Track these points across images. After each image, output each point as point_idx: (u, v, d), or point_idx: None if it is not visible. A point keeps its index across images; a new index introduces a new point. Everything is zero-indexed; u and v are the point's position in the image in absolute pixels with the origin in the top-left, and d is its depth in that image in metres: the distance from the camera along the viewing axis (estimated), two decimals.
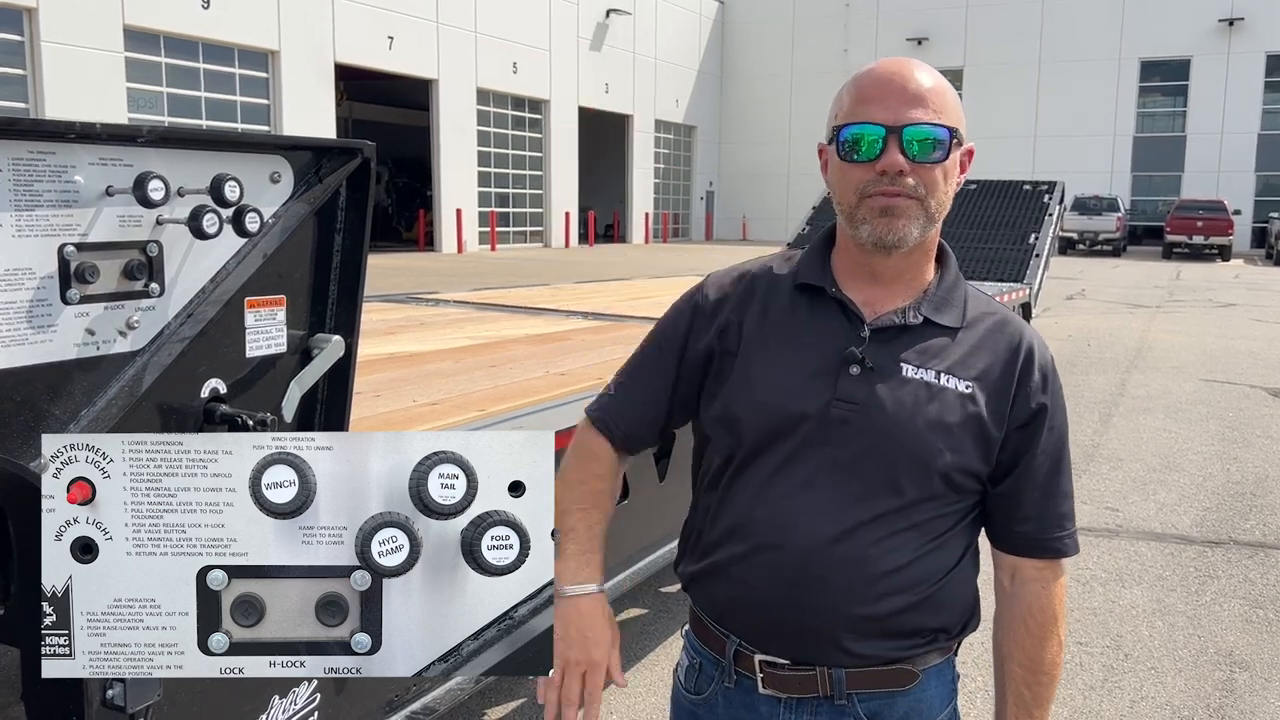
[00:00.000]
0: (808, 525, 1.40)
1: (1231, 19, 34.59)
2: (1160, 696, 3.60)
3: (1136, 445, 7.30)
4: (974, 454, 1.41)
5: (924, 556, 1.41)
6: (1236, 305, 17.66)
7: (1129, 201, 35.29)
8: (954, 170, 1.41)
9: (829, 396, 1.40)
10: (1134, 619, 4.26)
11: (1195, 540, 5.28)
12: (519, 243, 30.84)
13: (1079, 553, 1.50)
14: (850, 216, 1.40)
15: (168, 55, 20.04)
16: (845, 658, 1.42)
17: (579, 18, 32.01)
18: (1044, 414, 1.44)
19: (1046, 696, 1.49)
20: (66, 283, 1.49)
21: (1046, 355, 1.47)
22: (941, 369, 1.41)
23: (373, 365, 3.79)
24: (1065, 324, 14.26)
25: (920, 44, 38.18)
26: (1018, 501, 1.45)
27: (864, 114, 1.36)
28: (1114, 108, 36.25)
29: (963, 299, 1.48)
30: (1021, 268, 9.88)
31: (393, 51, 25.01)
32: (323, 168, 1.88)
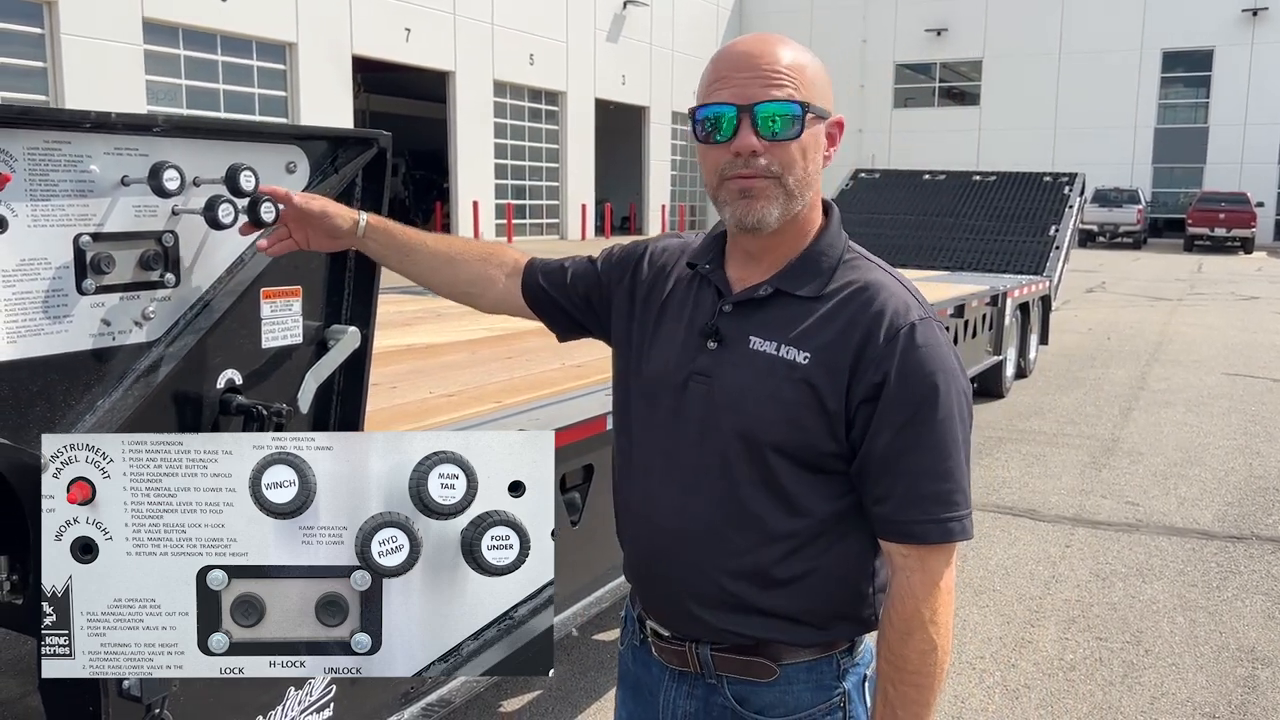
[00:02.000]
0: (661, 498, 1.43)
1: (1255, 9, 34.15)
2: (1181, 693, 3.57)
3: (1157, 439, 7.23)
4: (815, 429, 1.34)
5: (773, 538, 1.37)
6: (1259, 299, 17.48)
7: (1150, 194, 34.95)
8: (814, 145, 1.37)
9: (689, 370, 1.42)
10: (1154, 614, 4.22)
11: (1217, 535, 5.23)
12: (535, 234, 30.82)
13: (964, 539, 1.33)
14: (715, 198, 1.40)
15: (186, 48, 20.11)
16: (704, 631, 1.43)
17: (596, 9, 31.92)
18: (887, 384, 1.32)
19: (912, 699, 1.33)
20: (82, 273, 1.48)
21: (904, 322, 1.34)
22: (783, 340, 1.36)
23: (389, 357, 3.79)
24: (1086, 317, 14.15)
25: (940, 35, 37.92)
26: (869, 480, 1.35)
27: (716, 95, 1.35)
28: (1135, 99, 35.88)
29: (831, 268, 1.40)
30: (1041, 260, 9.82)
31: (409, 44, 25.02)
32: (338, 158, 1.87)
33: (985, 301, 7.44)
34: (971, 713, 3.43)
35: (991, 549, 4.95)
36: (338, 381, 1.93)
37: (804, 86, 1.34)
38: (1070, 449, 6.92)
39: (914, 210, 11.01)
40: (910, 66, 39.17)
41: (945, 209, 10.87)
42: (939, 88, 39.21)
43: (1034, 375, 9.47)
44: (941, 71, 39.04)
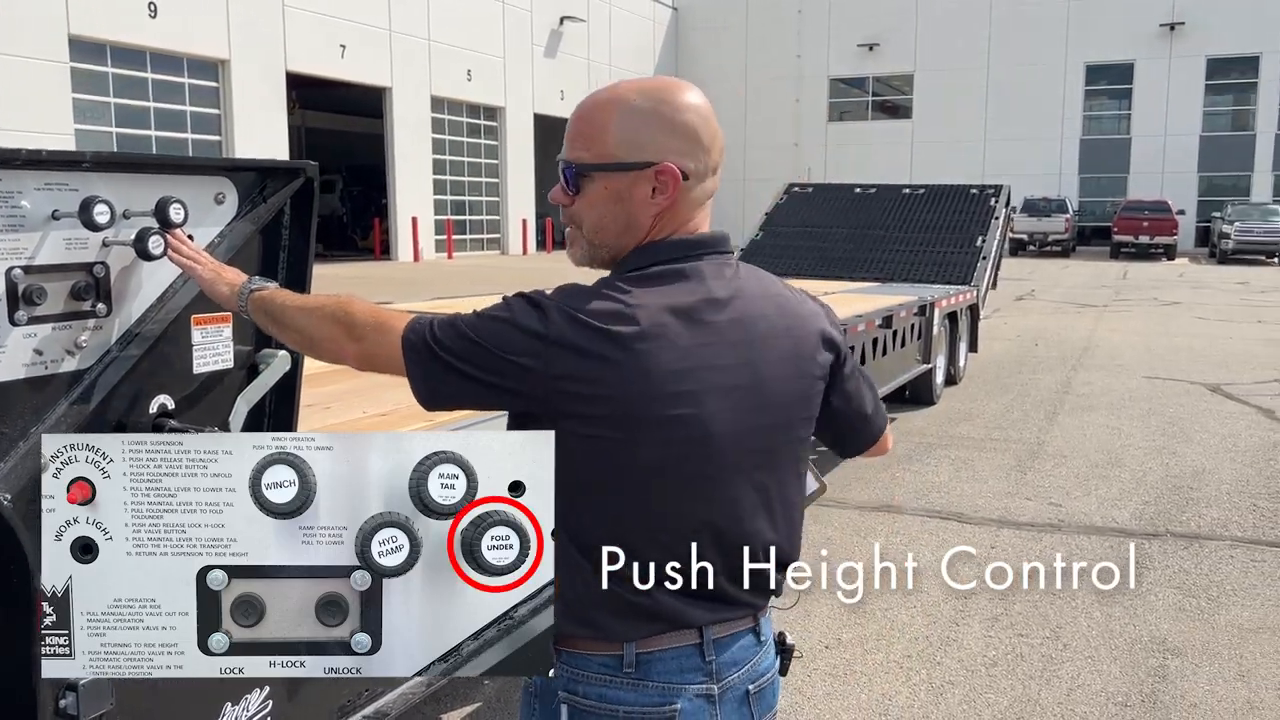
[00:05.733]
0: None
1: (1173, 23, 35.33)
2: (1096, 684, 3.73)
3: (1080, 442, 7.49)
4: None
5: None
6: (1180, 303, 18.08)
7: (1077, 203, 35.90)
8: (605, 198, 1.38)
9: None
10: (1073, 610, 4.40)
11: (1134, 533, 5.45)
12: (476, 250, 30.73)
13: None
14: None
15: (115, 65, 19.79)
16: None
17: (533, 25, 32.01)
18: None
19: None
20: (14, 304, 1.53)
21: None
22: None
23: (324, 378, 3.82)
24: (1015, 324, 14.52)
25: (872, 49, 38.61)
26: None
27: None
28: (1061, 111, 36.87)
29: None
30: (969, 270, 10.10)
31: (345, 60, 24.86)
32: (267, 188, 1.94)
33: (913, 312, 7.64)
34: (898, 710, 3.55)
35: (920, 551, 5.10)
36: (270, 404, 1.99)
37: (594, 144, 1.38)
38: (997, 453, 7.14)
39: (846, 223, 11.24)
40: (844, 80, 39.81)
41: (876, 222, 11.13)
42: (873, 101, 39.90)
43: (964, 382, 9.72)
44: (875, 85, 39.72)
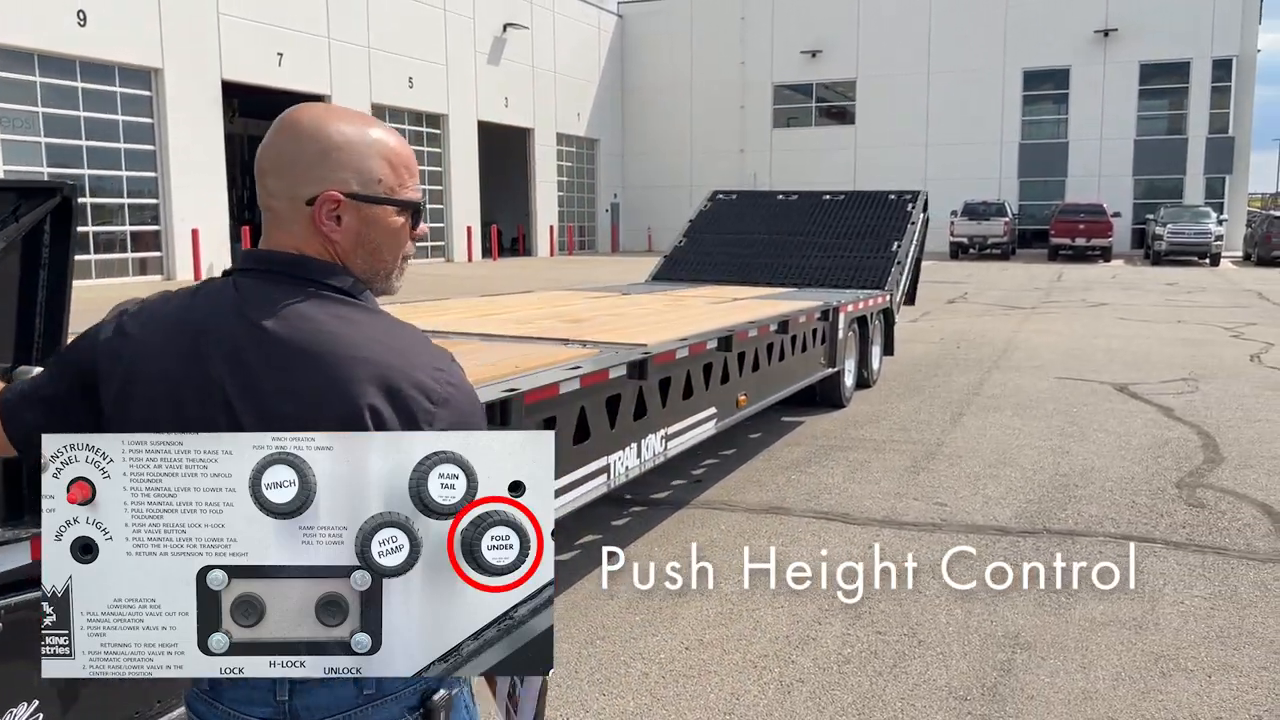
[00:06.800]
0: None
1: (1107, 30, 36.12)
2: (942, 679, 3.83)
3: (979, 442, 7.64)
4: None
5: None
6: (1107, 304, 18.47)
7: (1017, 206, 36.54)
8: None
9: None
10: (934, 608, 4.51)
11: (1012, 530, 5.58)
12: (421, 258, 30.59)
13: None
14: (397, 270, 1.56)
15: (42, 74, 19.51)
16: None
17: (475, 32, 31.98)
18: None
19: None
20: None
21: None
22: None
23: None
24: (941, 327, 14.73)
25: (815, 56, 39.03)
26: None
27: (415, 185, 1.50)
28: (1000, 116, 37.52)
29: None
30: (883, 275, 10.26)
31: (282, 68, 24.70)
32: (20, 207, 1.96)
33: (815, 316, 7.76)
34: (744, 708, 3.63)
35: (799, 552, 5.19)
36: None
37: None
38: (895, 454, 7.26)
39: (767, 230, 11.39)
40: (789, 87, 40.20)
41: (796, 228, 11.28)
42: (817, 107, 40.33)
43: (878, 385, 9.87)
44: (819, 91, 40.16)
